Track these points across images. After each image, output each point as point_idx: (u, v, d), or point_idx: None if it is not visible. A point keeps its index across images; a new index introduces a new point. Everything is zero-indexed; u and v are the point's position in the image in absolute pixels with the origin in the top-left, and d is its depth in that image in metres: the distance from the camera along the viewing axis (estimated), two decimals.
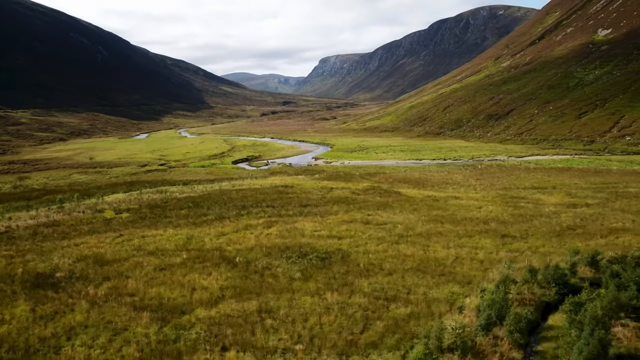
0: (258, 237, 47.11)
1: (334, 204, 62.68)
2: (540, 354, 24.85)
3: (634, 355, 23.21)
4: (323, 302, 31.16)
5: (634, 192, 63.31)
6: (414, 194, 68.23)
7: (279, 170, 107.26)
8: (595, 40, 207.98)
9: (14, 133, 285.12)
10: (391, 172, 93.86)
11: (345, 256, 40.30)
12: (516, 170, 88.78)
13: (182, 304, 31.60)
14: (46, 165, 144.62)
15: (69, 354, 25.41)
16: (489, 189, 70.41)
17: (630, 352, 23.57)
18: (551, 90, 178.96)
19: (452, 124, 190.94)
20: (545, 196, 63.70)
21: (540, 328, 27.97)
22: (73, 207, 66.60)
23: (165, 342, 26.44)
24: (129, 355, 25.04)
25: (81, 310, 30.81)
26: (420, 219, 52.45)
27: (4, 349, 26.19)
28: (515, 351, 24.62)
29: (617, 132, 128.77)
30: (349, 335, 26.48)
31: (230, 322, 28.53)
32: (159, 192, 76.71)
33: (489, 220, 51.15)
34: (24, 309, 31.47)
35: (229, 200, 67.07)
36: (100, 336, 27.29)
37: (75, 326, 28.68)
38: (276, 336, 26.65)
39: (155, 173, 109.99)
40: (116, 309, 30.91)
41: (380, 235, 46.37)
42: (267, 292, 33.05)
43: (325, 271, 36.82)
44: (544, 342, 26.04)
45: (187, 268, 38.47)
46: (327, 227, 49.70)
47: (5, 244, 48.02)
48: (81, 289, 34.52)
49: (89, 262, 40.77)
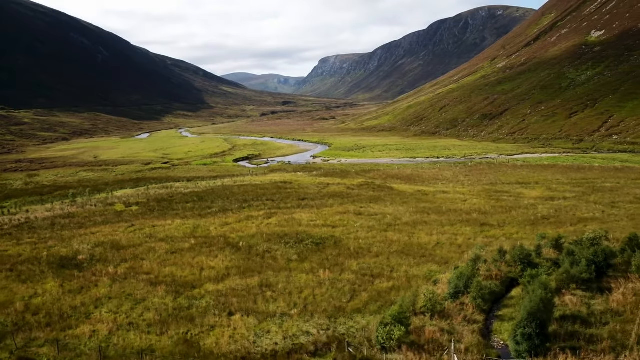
0: (259, 226, 51.46)
1: (329, 198, 67.03)
2: (500, 317, 29.26)
3: (577, 316, 27.59)
4: (316, 278, 35.51)
5: (610, 186, 67.70)
6: (405, 189, 72.57)
7: (278, 167, 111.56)
8: (589, 42, 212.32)
9: (17, 133, 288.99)
10: (385, 169, 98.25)
11: (337, 242, 44.66)
12: (504, 167, 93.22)
13: (192, 280, 35.96)
14: (52, 163, 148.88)
15: (98, 318, 29.75)
16: (476, 184, 74.79)
17: (574, 314, 27.96)
18: (544, 91, 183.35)
19: (447, 124, 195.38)
20: (527, 190, 68.08)
21: (504, 298, 32.35)
22: (85, 201, 70.94)
23: (180, 309, 30.79)
24: (150, 319, 29.37)
25: (104, 286, 35.16)
26: (408, 211, 56.81)
27: (41, 315, 30.52)
28: (478, 314, 28.99)
29: (605, 132, 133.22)
30: (337, 303, 30.85)
31: (235, 293, 32.88)
32: (165, 188, 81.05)
33: (471, 211, 55.52)
34: (54, 285, 35.80)
35: (231, 195, 71.41)
36: (123, 305, 31.63)
37: (101, 297, 33.02)
38: (275, 304, 31.00)
39: (160, 171, 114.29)
40: (135, 285, 35.25)
41: (371, 224, 50.73)
42: (267, 270, 37.41)
43: (319, 254, 41.18)
44: (504, 309, 30.44)
45: (195, 252, 42.82)
46: (322, 218, 54.06)
47: (27, 233, 52.37)
48: (102, 269, 38.88)
49: (107, 247, 45.13)
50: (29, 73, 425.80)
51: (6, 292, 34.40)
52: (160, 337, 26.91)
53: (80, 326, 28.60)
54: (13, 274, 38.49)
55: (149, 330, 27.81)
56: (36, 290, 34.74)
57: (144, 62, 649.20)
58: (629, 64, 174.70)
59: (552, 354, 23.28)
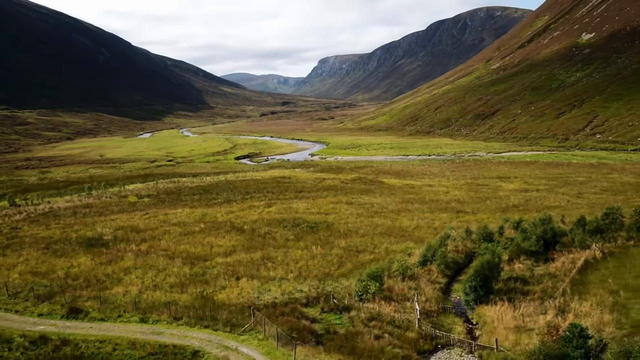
0: (260, 213, 57.72)
1: (324, 191, 73.28)
2: (459, 281, 35.55)
3: (520, 277, 33.87)
4: (310, 253, 41.76)
5: (581, 180, 73.99)
6: (394, 183, 78.84)
7: (278, 164, 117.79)
8: (579, 44, 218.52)
9: (22, 132, 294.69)
10: (378, 166, 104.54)
11: (329, 225, 50.93)
12: (488, 164, 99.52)
13: (204, 255, 42.20)
14: (61, 161, 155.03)
15: (128, 282, 35.96)
16: (460, 179, 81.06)
17: (518, 276, 34.23)
18: (535, 92, 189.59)
19: (441, 124, 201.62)
20: (505, 184, 74.37)
21: (466, 268, 38.59)
22: (100, 193, 77.16)
23: (195, 275, 37.01)
24: (171, 282, 35.57)
25: (129, 259, 41.39)
26: (394, 201, 63.09)
27: (80, 280, 36.72)
28: (441, 278, 35.28)
29: (590, 131, 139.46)
30: (326, 270, 37.10)
31: (241, 264, 39.11)
32: (172, 182, 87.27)
33: (451, 201, 61.80)
34: (86, 259, 42.02)
35: (234, 188, 77.64)
36: (148, 273, 37.84)
37: (128, 268, 39.23)
38: (275, 271, 37.24)
39: (165, 167, 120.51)
40: (155, 258, 41.48)
41: (360, 212, 57.00)
42: (268, 247, 43.67)
43: (313, 235, 47.44)
44: (464, 275, 36.68)
45: (205, 234, 49.05)
46: (317, 207, 60.32)
47: (53, 220, 58.59)
48: (125, 247, 45.11)
49: (127, 230, 51.37)
50: (32, 73, 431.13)
51: (47, 264, 40.65)
52: (181, 295, 33.13)
53: (114, 287, 34.84)
54: (49, 251, 44.75)
55: (171, 290, 34.04)
56: (72, 263, 40.98)
57: (144, 62, 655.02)
58: (617, 65, 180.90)
59: (493, 302, 29.54)
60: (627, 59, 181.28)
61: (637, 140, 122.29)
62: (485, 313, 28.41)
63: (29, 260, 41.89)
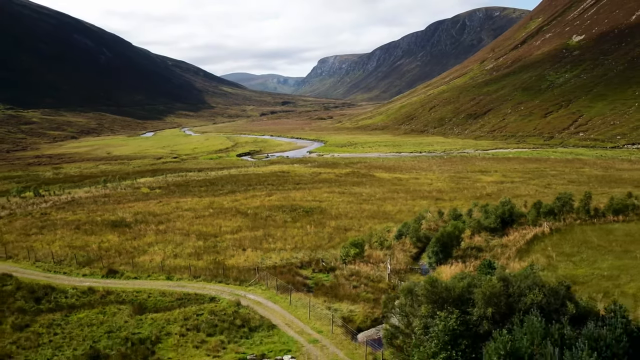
0: (262, 201, 64.91)
1: (320, 183, 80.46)
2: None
3: (477, 247, 41.03)
4: (305, 231, 48.93)
5: (553, 173, 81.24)
6: (384, 176, 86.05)
7: (277, 161, 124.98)
8: (569, 46, 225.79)
9: (28, 131, 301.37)
10: (371, 162, 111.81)
11: (322, 210, 58.12)
12: (474, 160, 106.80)
13: (214, 232, 49.35)
14: (70, 158, 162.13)
15: (152, 252, 43.08)
16: (444, 172, 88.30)
17: (476, 246, 41.40)
18: (525, 92, 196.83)
19: (435, 123, 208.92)
20: (485, 176, 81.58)
21: None
22: (115, 186, 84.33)
23: (208, 247, 44.17)
24: (188, 252, 42.67)
25: (151, 236, 48.53)
26: (382, 191, 70.30)
27: (112, 252, 43.77)
28: (413, 248, 42.47)
29: (574, 129, 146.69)
30: (318, 244, 44.26)
31: (246, 239, 46.27)
32: (180, 176, 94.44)
33: (432, 191, 69.02)
34: (113, 236, 49.16)
35: (237, 181, 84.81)
36: (168, 246, 44.97)
37: (150, 242, 46.37)
38: (275, 245, 44.40)
39: (171, 164, 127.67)
40: (172, 235, 48.62)
41: (350, 200, 64.20)
42: (269, 227, 50.83)
43: (308, 217, 54.62)
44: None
45: (214, 217, 56.20)
46: (312, 196, 67.52)
47: (78, 207, 65.72)
48: (146, 227, 52.25)
49: (145, 214, 58.53)
50: (35, 73, 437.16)
51: (80, 240, 47.81)
52: (198, 261, 40.26)
53: (141, 256, 41.98)
54: (80, 230, 51.91)
55: (189, 258, 41.19)
56: (102, 239, 48.15)
57: (145, 62, 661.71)
58: (604, 67, 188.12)
59: (450, 263, 36.73)
60: (613, 60, 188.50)
61: (616, 138, 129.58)
62: (442, 271, 35.57)
63: (64, 237, 49.08)
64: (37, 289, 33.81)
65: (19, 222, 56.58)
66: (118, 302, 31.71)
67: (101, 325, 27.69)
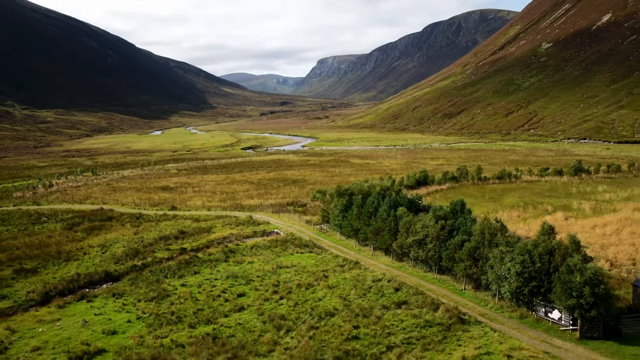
0: (263, 176, 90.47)
1: (307, 166, 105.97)
2: None
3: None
4: (291, 190, 74.55)
5: (482, 158, 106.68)
6: (357, 162, 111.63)
7: (275, 152, 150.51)
8: (538, 53, 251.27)
9: (45, 130, 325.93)
10: (351, 152, 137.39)
11: (305, 180, 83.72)
12: (433, 150, 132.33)
13: (232, 192, 74.91)
14: (96, 152, 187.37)
15: (193, 202, 68.48)
16: (404, 159, 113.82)
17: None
18: (495, 94, 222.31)
19: (416, 121, 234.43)
20: (432, 161, 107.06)
21: None
22: (150, 168, 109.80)
23: (229, 198, 69.67)
24: (217, 201, 68.05)
25: (190, 193, 74.07)
26: (352, 170, 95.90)
27: (167, 202, 69.19)
28: None
29: (527, 127, 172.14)
30: (299, 195, 69.78)
31: (253, 195, 71.81)
32: (198, 162, 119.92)
33: (387, 170, 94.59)
34: (163, 194, 74.63)
35: (244, 165, 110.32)
36: (202, 199, 70.40)
37: (190, 197, 71.84)
38: (272, 196, 69.94)
39: (186, 155, 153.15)
40: (203, 193, 74.15)
41: (326, 175, 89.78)
42: (269, 189, 76.40)
43: (295, 184, 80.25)
44: None
45: (230, 184, 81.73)
46: (300, 173, 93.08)
47: (129, 181, 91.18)
48: (184, 190, 77.77)
49: (181, 183, 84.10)
50: (46, 75, 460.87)
51: (144, 196, 73.27)
52: (223, 204, 65.68)
53: (187, 203, 67.48)
54: (140, 191, 77.42)
55: (217, 203, 66.67)
56: (158, 196, 73.66)
57: (149, 63, 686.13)
58: (563, 72, 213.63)
59: None
60: (571, 66, 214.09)
61: (558, 134, 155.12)
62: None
63: (132, 195, 74.43)
64: (133, 214, 59.35)
65: (96, 188, 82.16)
66: (183, 218, 57.17)
67: (177, 226, 53.08)
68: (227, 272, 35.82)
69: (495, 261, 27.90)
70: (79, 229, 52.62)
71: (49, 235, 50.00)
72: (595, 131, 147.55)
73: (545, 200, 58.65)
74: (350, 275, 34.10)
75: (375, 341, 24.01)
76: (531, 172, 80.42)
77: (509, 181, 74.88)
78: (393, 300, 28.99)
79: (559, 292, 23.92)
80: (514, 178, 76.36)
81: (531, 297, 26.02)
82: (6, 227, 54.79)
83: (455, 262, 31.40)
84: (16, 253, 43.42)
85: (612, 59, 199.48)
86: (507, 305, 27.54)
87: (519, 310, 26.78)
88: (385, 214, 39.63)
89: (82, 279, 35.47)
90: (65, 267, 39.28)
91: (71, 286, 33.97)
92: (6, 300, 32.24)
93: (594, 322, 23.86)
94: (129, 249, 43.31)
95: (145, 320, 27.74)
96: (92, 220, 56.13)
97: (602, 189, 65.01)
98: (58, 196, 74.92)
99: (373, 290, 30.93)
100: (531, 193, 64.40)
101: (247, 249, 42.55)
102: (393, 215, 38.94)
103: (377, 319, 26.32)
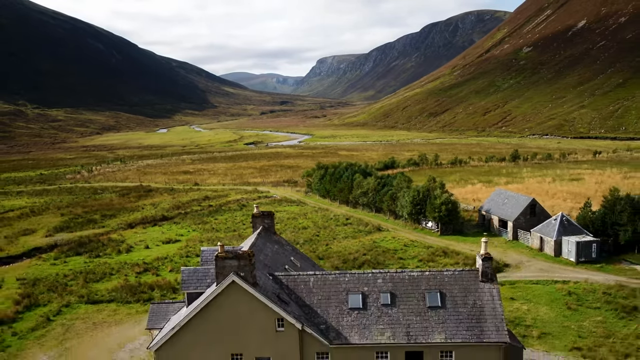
0: (264, 163, 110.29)
1: (301, 157, 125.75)
2: None
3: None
4: (287, 173, 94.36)
5: (450, 150, 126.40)
6: (344, 153, 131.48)
7: (274, 147, 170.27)
8: (519, 56, 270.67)
9: (57, 128, 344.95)
10: (341, 146, 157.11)
11: (298, 166, 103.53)
12: (411, 145, 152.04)
13: (240, 174, 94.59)
14: (112, 147, 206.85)
15: (212, 180, 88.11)
16: (384, 151, 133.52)
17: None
18: (477, 95, 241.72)
19: (404, 120, 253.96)
20: (407, 153, 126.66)
21: None
22: (168, 158, 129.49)
23: (237, 178, 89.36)
24: (228, 181, 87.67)
25: (206, 175, 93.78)
26: (338, 159, 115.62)
27: (191, 180, 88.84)
28: None
29: (501, 124, 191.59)
30: (293, 176, 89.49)
31: (258, 175, 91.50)
32: (207, 154, 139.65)
33: (367, 159, 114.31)
34: (185, 176, 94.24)
35: (247, 156, 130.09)
36: (217, 178, 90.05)
37: (206, 178, 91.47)
38: (271, 177, 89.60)
39: (195, 149, 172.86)
40: (217, 175, 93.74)
41: (316, 162, 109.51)
42: (269, 173, 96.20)
43: (290, 169, 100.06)
44: None
45: (237, 170, 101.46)
46: (295, 162, 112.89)
47: (154, 168, 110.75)
48: (200, 173, 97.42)
49: (197, 169, 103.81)
50: (54, 75, 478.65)
51: (171, 179, 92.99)
52: (234, 182, 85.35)
53: (207, 181, 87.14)
54: (165, 175, 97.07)
55: (230, 181, 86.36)
56: (181, 177, 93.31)
57: (151, 64, 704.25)
58: (538, 75, 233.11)
59: None
60: (546, 69, 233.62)
61: (525, 130, 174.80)
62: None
63: (160, 177, 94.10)
64: (167, 188, 78.99)
65: (129, 172, 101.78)
66: (205, 190, 76.77)
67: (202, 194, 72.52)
68: (242, 214, 55.55)
69: (402, 196, 47.61)
70: (130, 197, 72.18)
71: (110, 200, 69.63)
72: (557, 128, 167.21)
73: (477, 178, 78.21)
74: (321, 214, 53.80)
75: (328, 237, 43.74)
76: (480, 160, 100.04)
77: (459, 166, 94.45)
78: (343, 222, 48.80)
79: (429, 210, 43.59)
80: (463, 164, 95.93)
81: (417, 216, 45.74)
82: (75, 196, 74.41)
83: (383, 203, 51.06)
84: (94, 209, 63.03)
85: (582, 63, 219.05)
86: (407, 223, 47.30)
87: (413, 225, 46.50)
88: (347, 179, 59.28)
89: (148, 218, 55.11)
90: (132, 215, 58.89)
91: (144, 221, 53.69)
92: (105, 228, 51.96)
93: (448, 226, 43.54)
94: (173, 205, 62.95)
95: (197, 230, 47.58)
96: (137, 191, 75.76)
97: (525, 171, 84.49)
98: (101, 178, 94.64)
99: (332, 220, 50.68)
100: (470, 173, 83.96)
101: (254, 203, 62.24)
102: (351, 179, 58.61)
103: (331, 230, 46.06)
